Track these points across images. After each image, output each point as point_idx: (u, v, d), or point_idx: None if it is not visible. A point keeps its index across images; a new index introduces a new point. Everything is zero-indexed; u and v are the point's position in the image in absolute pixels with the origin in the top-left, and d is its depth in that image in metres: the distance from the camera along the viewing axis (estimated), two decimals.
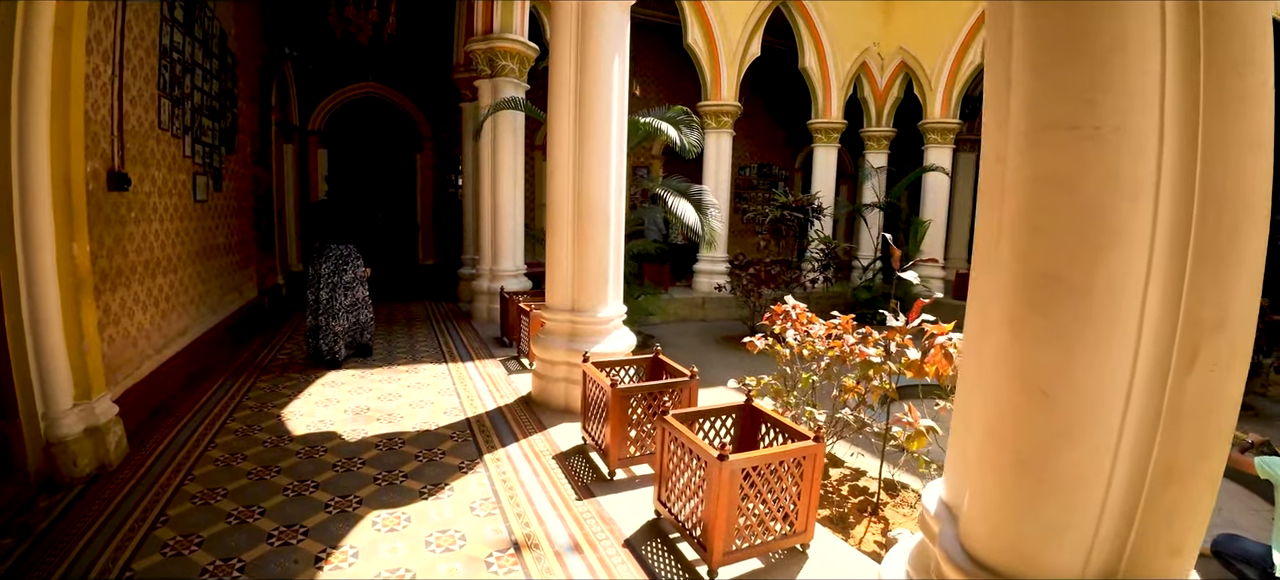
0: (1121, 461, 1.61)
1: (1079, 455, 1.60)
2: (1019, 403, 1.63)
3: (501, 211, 8.38)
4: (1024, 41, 1.60)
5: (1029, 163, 1.58)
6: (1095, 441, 1.59)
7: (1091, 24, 1.48)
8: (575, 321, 4.81)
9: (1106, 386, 1.56)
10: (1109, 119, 1.48)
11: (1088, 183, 1.49)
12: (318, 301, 6.17)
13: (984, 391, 1.76)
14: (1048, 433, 1.60)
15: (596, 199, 4.69)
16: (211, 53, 6.58)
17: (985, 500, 1.75)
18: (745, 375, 5.33)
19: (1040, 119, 1.55)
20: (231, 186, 7.37)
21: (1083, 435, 1.58)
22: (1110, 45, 1.48)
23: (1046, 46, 1.55)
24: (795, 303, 5.16)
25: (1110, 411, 1.57)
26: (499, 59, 8.14)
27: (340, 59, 11.94)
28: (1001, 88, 1.71)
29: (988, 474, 1.74)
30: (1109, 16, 1.47)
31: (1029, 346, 1.60)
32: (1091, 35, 1.49)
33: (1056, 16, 1.53)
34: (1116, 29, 1.47)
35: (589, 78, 4.58)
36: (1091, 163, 1.49)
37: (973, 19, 12.06)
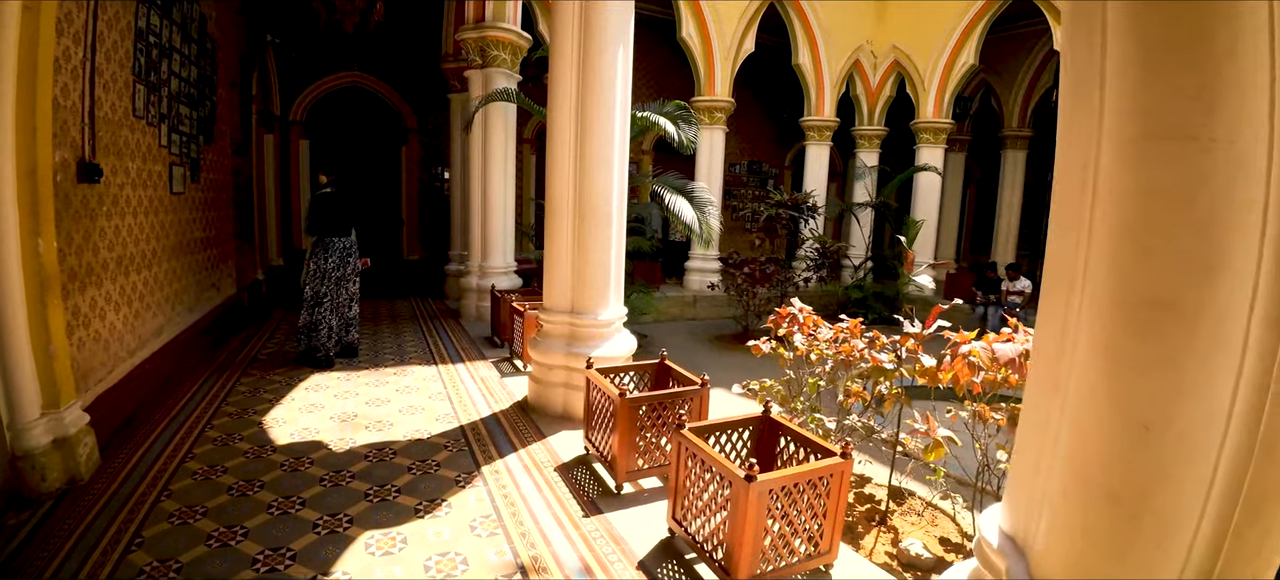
0: (1214, 496, 1.47)
1: (1177, 491, 1.45)
2: (1115, 436, 1.47)
3: (492, 206, 8.14)
4: (1126, 40, 1.43)
5: (1134, 175, 1.40)
6: (1195, 476, 1.44)
7: (1208, 25, 1.32)
8: (575, 324, 4.61)
9: (1210, 418, 1.41)
10: (1222, 131, 1.32)
11: (1202, 199, 1.33)
12: (316, 297, 6.02)
13: (1067, 422, 1.59)
14: (1146, 468, 1.45)
15: (598, 196, 4.48)
16: (190, 37, 6.27)
17: (1068, 539, 1.59)
18: (747, 379, 5.17)
19: (1150, 126, 1.38)
20: (210, 178, 7.06)
21: (1183, 469, 1.43)
22: (1226, 50, 1.31)
23: (1157, 47, 1.38)
24: (801, 305, 5.01)
25: (1211, 444, 1.43)
26: (491, 49, 7.88)
27: (324, 47, 11.61)
28: (1089, 87, 1.54)
29: (1073, 510, 1.58)
30: (1224, 18, 1.31)
31: (1129, 376, 1.43)
32: (1207, 38, 1.32)
33: (1167, 14, 1.37)
34: (1230, 32, 1.31)
35: (591, 70, 4.38)
36: (1206, 177, 1.32)
37: (966, 20, 12.03)
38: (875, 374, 4.47)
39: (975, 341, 3.79)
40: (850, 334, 4.81)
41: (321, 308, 6.05)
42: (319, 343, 6.03)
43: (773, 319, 5.06)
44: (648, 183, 7.62)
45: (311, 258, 6.17)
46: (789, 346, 4.96)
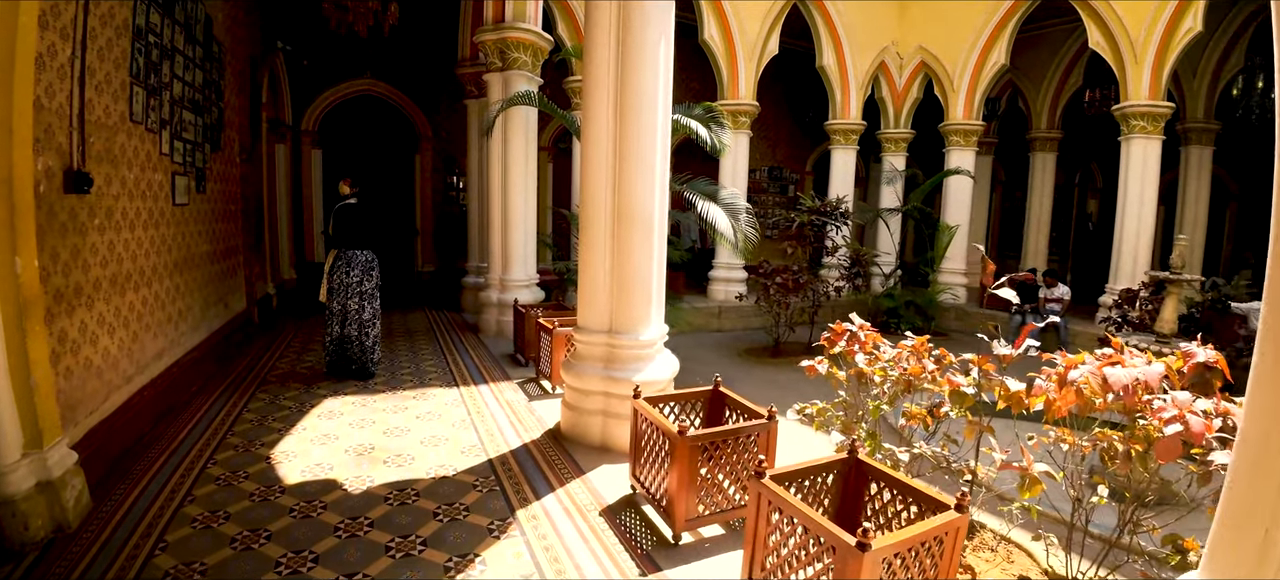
0: None
1: None
2: None
3: (512, 216, 7.72)
4: None
5: None
6: None
7: None
8: (613, 345, 4.17)
9: None
10: None
11: None
12: (345, 311, 5.83)
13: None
14: None
15: (638, 203, 4.05)
16: (195, 39, 5.90)
17: None
18: (784, 395, 4.73)
19: None
20: (217, 188, 6.69)
21: None
22: None
23: None
24: (861, 322, 4.56)
25: None
26: (511, 50, 7.48)
27: (336, 54, 11.29)
28: None
29: None
30: None
31: None
32: None
33: None
34: None
35: (631, 65, 3.95)
36: None
37: (996, 18, 11.59)
38: (955, 400, 4.01)
39: (1085, 366, 3.33)
40: (916, 352, 4.37)
41: (346, 322, 5.86)
42: (353, 354, 5.88)
43: (827, 337, 4.61)
44: (677, 188, 7.20)
45: (333, 272, 5.87)
46: (845, 365, 4.52)
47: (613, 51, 3.98)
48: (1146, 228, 10.10)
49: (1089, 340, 9.90)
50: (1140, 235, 10.08)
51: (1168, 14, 9.34)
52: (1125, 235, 10.19)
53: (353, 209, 5.90)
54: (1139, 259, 10.09)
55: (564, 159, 13.03)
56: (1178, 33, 9.38)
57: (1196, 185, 12.74)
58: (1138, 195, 10.08)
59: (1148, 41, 9.59)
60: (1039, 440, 3.75)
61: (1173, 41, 9.44)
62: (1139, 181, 10.09)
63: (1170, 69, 9.63)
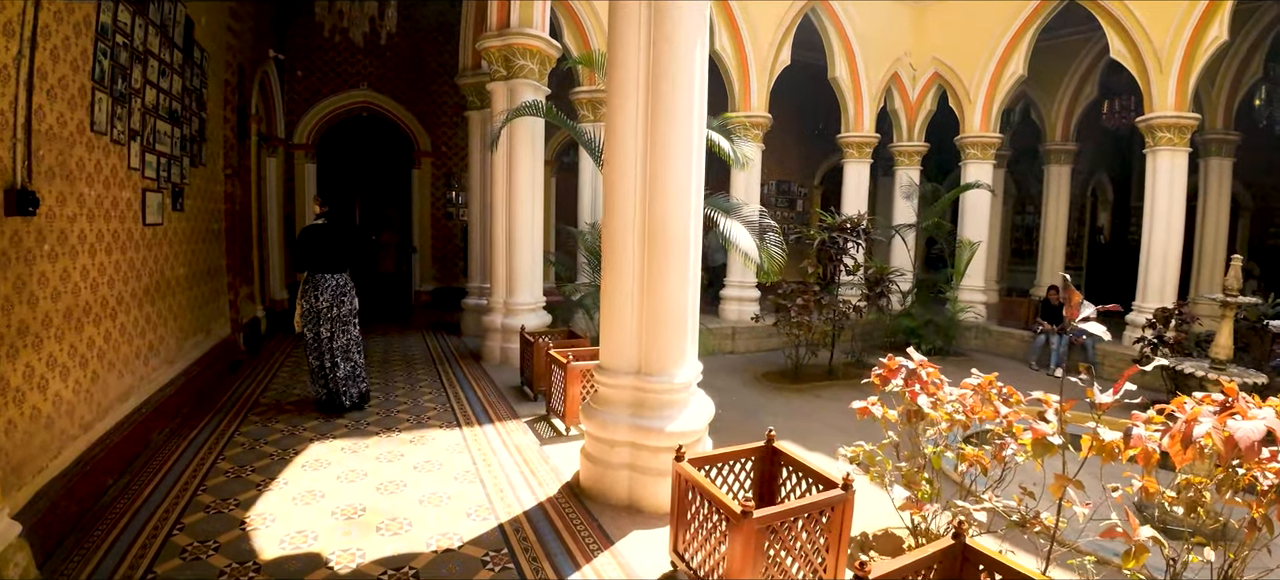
0: None
1: None
2: None
3: (518, 234, 7.20)
4: None
5: None
6: None
7: None
8: (643, 389, 3.64)
9: None
10: None
11: None
12: (318, 340, 5.42)
13: None
14: None
15: (673, 223, 3.54)
16: (173, 42, 5.40)
17: None
18: (822, 433, 4.20)
19: None
20: (197, 206, 6.16)
21: None
22: None
23: None
24: (919, 357, 4.05)
25: None
26: (516, 58, 6.99)
27: (331, 64, 10.84)
28: None
29: None
30: None
31: None
32: None
33: None
34: None
35: (664, 70, 3.46)
36: None
37: (1015, 27, 11.21)
38: (1040, 451, 3.53)
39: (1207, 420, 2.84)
40: (983, 393, 3.88)
41: (325, 352, 5.43)
42: (330, 386, 5.44)
43: (879, 374, 4.10)
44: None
45: (301, 296, 5.43)
46: (895, 402, 4.03)
47: (643, 55, 3.49)
48: (1175, 242, 9.69)
49: (1119, 360, 9.45)
50: (1169, 250, 9.67)
51: (1193, 22, 9.00)
52: (1153, 251, 9.76)
53: (320, 230, 5.46)
54: (1167, 275, 9.68)
55: (568, 174, 12.54)
56: (1203, 41, 9.02)
57: (1217, 197, 12.32)
58: (1165, 209, 9.67)
59: (1173, 51, 9.23)
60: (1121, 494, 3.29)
61: (1198, 50, 9.09)
62: (1166, 195, 9.68)
63: (1196, 79, 9.27)
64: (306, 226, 5.63)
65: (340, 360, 5.44)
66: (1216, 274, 12.17)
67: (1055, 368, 9.80)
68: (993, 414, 3.73)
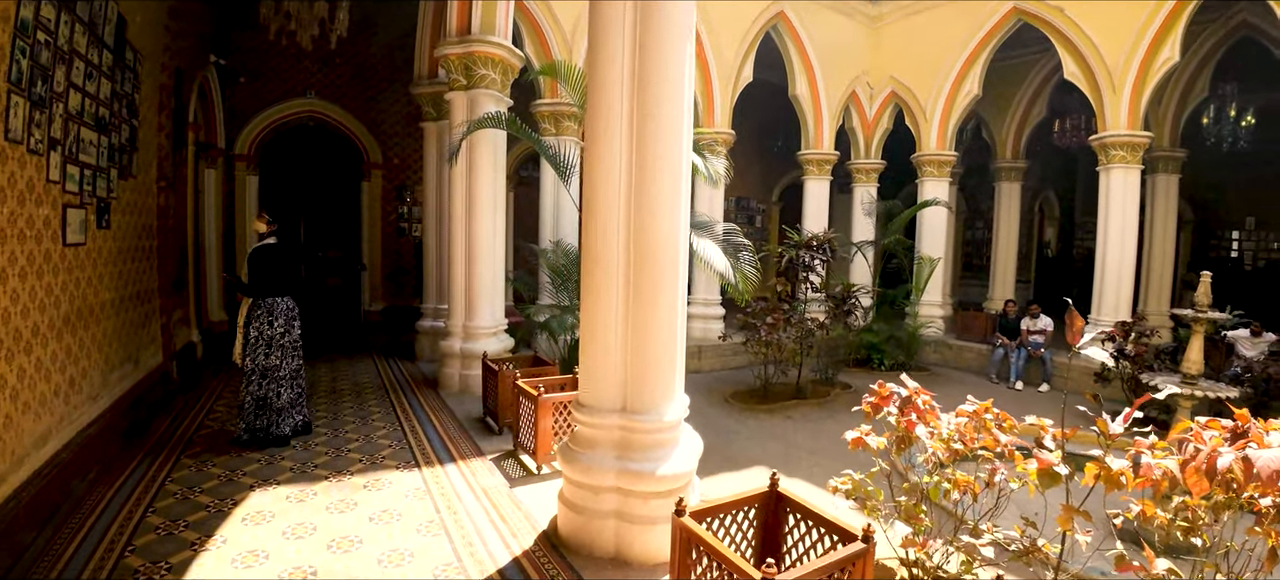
0: None
1: None
2: None
3: (478, 253, 6.83)
4: None
5: None
6: None
7: None
8: (630, 428, 3.34)
9: None
10: None
11: None
12: (263, 370, 5.04)
13: None
14: None
15: (662, 244, 3.27)
16: (102, 42, 4.91)
17: None
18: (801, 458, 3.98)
19: None
20: (127, 221, 5.63)
21: None
22: None
23: None
24: (914, 385, 3.87)
25: None
26: (478, 67, 6.65)
27: (276, 70, 10.29)
28: None
29: None
30: None
31: None
32: None
33: None
34: None
35: (652, 80, 3.21)
36: None
37: (969, 49, 11.41)
38: (1047, 482, 3.39)
39: (1229, 453, 2.72)
40: (978, 420, 3.73)
41: (270, 380, 5.07)
42: (272, 419, 5.07)
43: (871, 401, 3.91)
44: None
45: (251, 323, 5.05)
46: (884, 428, 3.85)
47: (628, 57, 3.22)
48: (1129, 257, 9.91)
49: (1079, 373, 9.58)
50: (1123, 265, 9.88)
51: (1146, 43, 9.25)
52: (1108, 266, 9.96)
53: (272, 251, 5.11)
54: (1122, 289, 9.88)
55: (528, 188, 12.19)
56: (1156, 62, 9.28)
57: (1164, 212, 12.71)
58: (1119, 225, 9.89)
59: (1126, 71, 9.48)
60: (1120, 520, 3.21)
61: (1151, 71, 9.34)
62: (1120, 211, 9.90)
63: (1148, 98, 9.53)
64: (260, 247, 5.23)
65: (284, 389, 5.10)
66: (1165, 287, 12.56)
67: (1015, 381, 9.89)
68: (992, 443, 3.59)
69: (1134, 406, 3.08)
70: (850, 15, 12.13)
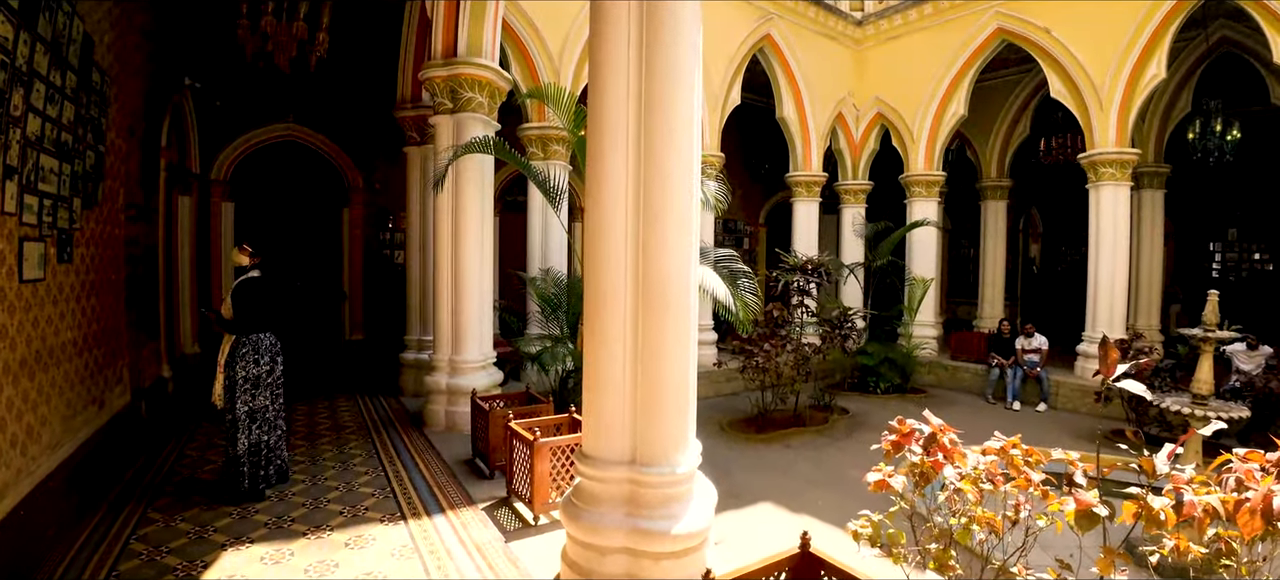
0: None
1: None
2: None
3: (465, 283, 6.55)
4: None
5: None
6: None
7: None
8: (640, 482, 3.05)
9: None
10: None
11: None
12: (251, 413, 4.73)
13: None
14: None
15: (673, 277, 3.02)
16: (65, 62, 4.62)
17: None
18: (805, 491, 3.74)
19: None
20: (91, 253, 5.30)
21: None
22: None
23: None
24: (938, 422, 3.66)
25: None
26: (464, 89, 6.42)
27: (253, 94, 9.98)
28: None
29: None
30: None
31: None
32: None
33: None
34: None
35: (659, 96, 2.97)
36: None
37: (955, 69, 11.43)
38: (1085, 524, 3.20)
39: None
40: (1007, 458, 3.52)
41: (261, 424, 4.80)
42: (273, 464, 4.86)
43: (892, 440, 3.68)
44: None
45: (237, 362, 4.74)
46: (913, 472, 3.61)
47: (632, 69, 2.99)
48: (1121, 274, 9.89)
49: (1073, 390, 9.48)
50: (1115, 282, 9.85)
51: (1132, 61, 9.29)
52: (1100, 283, 9.92)
53: (257, 284, 4.82)
54: (1115, 306, 9.84)
55: (514, 214, 11.91)
56: (1142, 79, 9.31)
57: (1150, 228, 12.77)
58: (1110, 242, 9.87)
59: (1113, 89, 9.51)
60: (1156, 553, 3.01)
61: (1137, 88, 9.38)
62: (1111, 228, 9.89)
63: (1135, 115, 9.55)
64: (244, 280, 4.92)
65: (266, 432, 4.80)
66: (1154, 302, 12.58)
67: (1012, 401, 9.76)
68: (1024, 484, 3.39)
69: (1181, 441, 2.89)
70: (836, 38, 12.13)
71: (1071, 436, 7.99)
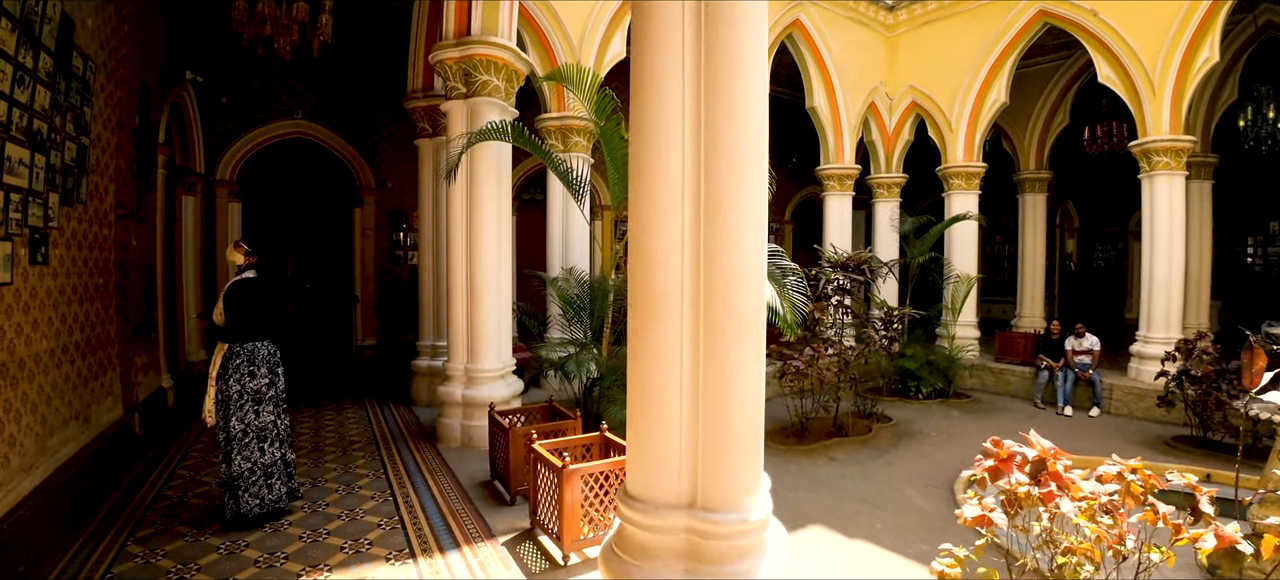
0: None
1: None
2: None
3: (481, 283, 6.02)
4: None
5: None
6: None
7: None
8: (704, 531, 2.44)
9: None
10: None
11: None
12: (250, 431, 4.24)
13: None
14: None
15: (742, 284, 2.43)
16: (38, 42, 4.14)
17: None
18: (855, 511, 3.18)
19: None
20: (72, 256, 4.83)
21: None
22: None
23: None
24: (1047, 444, 3.09)
25: None
26: (478, 72, 5.89)
27: (261, 91, 9.57)
28: None
29: None
30: None
31: None
32: None
33: None
34: None
35: (723, 91, 2.38)
36: None
37: (995, 54, 10.82)
38: (1227, 563, 2.68)
39: None
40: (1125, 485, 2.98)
41: (271, 441, 4.32)
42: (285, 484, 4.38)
43: (990, 466, 3.12)
44: None
45: (231, 375, 4.24)
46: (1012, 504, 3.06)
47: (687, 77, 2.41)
48: (1177, 269, 9.25)
49: (1127, 394, 8.84)
50: (1172, 277, 9.22)
51: (1184, 44, 8.75)
52: (1156, 278, 9.29)
53: (252, 286, 4.32)
54: (1172, 304, 9.22)
55: (532, 212, 11.40)
56: (1195, 63, 8.76)
57: (1198, 221, 12.07)
58: (1166, 235, 9.25)
59: (1165, 74, 8.94)
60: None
61: (1190, 72, 8.83)
62: (1166, 221, 9.26)
63: (1190, 101, 8.97)
64: (237, 282, 4.41)
65: (272, 451, 4.32)
66: (1202, 299, 11.89)
67: (1064, 406, 9.11)
68: (1152, 518, 2.84)
69: None
70: (867, 23, 11.54)
71: (1133, 444, 7.39)
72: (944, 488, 5.71)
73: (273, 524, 4.14)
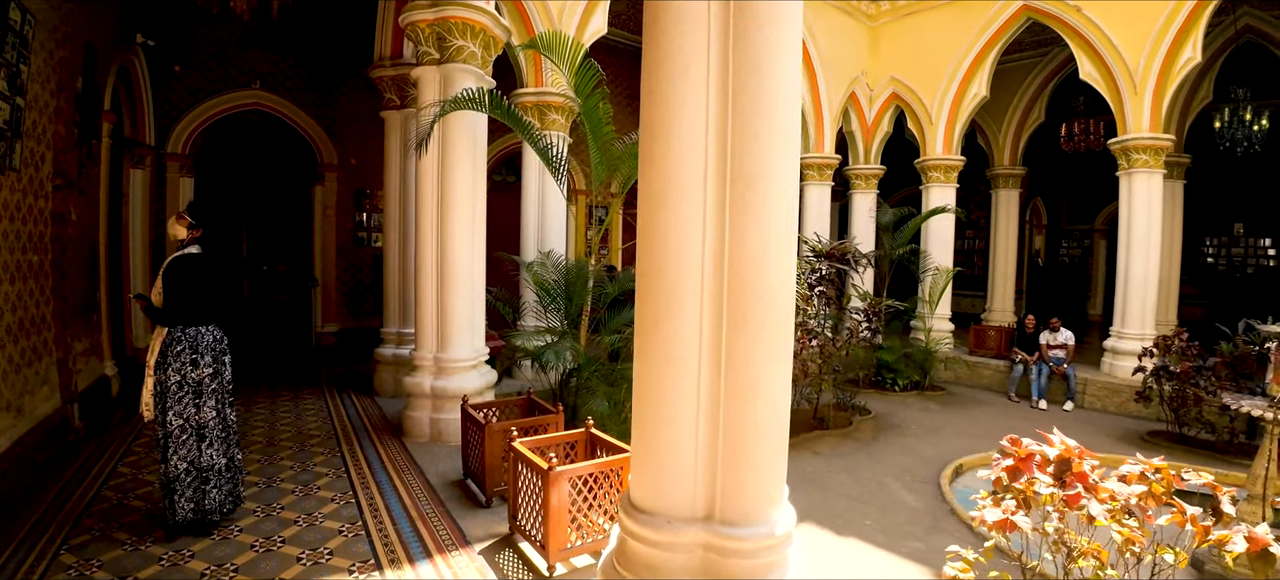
0: None
1: None
2: None
3: (453, 267, 5.66)
4: None
5: None
6: None
7: None
8: (722, 548, 2.16)
9: None
10: None
11: None
12: (189, 426, 3.79)
13: None
14: None
15: (772, 273, 2.16)
16: None
17: None
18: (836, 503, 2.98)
19: None
20: (4, 229, 4.36)
21: None
22: None
23: None
24: (1070, 442, 2.92)
25: None
26: (453, 36, 5.50)
27: (217, 59, 9.02)
28: None
29: None
30: None
31: None
32: None
33: None
34: None
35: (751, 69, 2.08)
36: None
37: (977, 47, 10.75)
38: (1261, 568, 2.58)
39: None
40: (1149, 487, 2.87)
41: (211, 442, 3.85)
42: (222, 490, 3.90)
43: (1008, 466, 2.97)
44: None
45: (170, 364, 3.78)
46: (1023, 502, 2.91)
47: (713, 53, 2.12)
48: (1154, 266, 9.32)
49: (1101, 389, 8.89)
50: (1148, 274, 9.29)
51: (1167, 44, 8.79)
52: (1132, 276, 9.35)
53: (196, 262, 3.87)
54: (1148, 300, 9.31)
55: (505, 194, 10.97)
56: (1177, 62, 8.80)
57: (1170, 219, 12.22)
58: (1144, 232, 9.30)
59: (1147, 72, 8.98)
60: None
61: (1172, 71, 8.88)
62: (1144, 218, 9.31)
63: (1169, 100, 9.02)
64: (177, 257, 3.90)
65: (214, 451, 3.87)
66: (1171, 297, 12.05)
67: (1038, 400, 9.12)
68: (1182, 521, 2.72)
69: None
70: (851, 14, 11.39)
71: (1110, 439, 7.45)
72: (930, 483, 5.60)
73: (221, 531, 3.75)
